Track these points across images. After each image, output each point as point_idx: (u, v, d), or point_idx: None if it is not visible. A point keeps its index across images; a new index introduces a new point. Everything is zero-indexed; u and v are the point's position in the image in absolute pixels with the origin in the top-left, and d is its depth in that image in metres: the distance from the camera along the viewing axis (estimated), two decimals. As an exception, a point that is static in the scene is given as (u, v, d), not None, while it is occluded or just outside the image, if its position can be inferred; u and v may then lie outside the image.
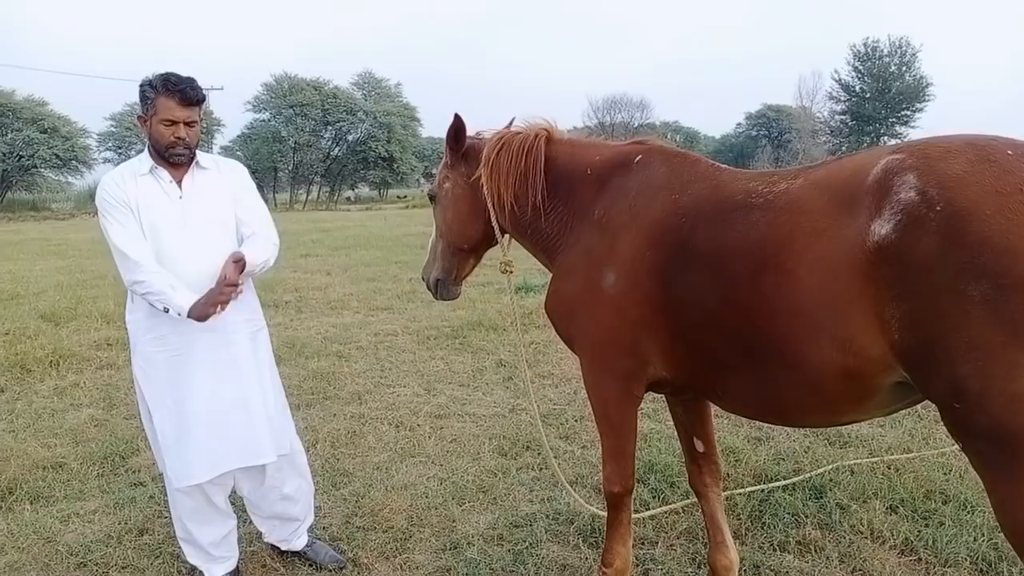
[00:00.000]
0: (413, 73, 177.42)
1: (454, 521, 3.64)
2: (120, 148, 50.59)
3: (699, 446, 2.86)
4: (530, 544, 3.40)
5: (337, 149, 59.31)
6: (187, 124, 2.90)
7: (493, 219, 2.91)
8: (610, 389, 2.64)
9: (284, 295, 10.51)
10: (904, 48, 64.15)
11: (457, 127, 2.94)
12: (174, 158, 2.93)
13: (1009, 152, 1.69)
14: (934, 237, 1.66)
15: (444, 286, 3.17)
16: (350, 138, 58.55)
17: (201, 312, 2.79)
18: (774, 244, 1.99)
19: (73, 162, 47.61)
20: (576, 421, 5.04)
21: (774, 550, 3.27)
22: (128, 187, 2.91)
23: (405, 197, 63.56)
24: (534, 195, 2.79)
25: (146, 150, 2.99)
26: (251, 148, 54.51)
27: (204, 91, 3.00)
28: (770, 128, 73.96)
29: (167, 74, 2.85)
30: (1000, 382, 1.61)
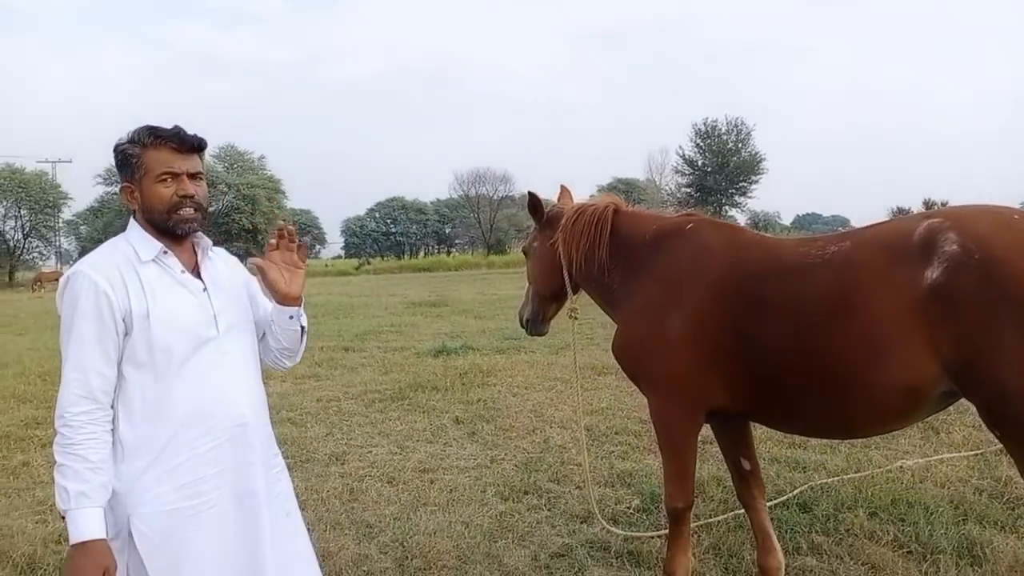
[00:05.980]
0: (276, 145, 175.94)
1: (499, 556, 3.89)
2: None
3: (746, 465, 3.32)
4: (578, 570, 3.71)
5: (197, 223, 57.60)
6: (192, 177, 2.12)
7: (566, 275, 3.37)
8: (676, 418, 3.08)
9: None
10: (739, 127, 70.80)
11: (532, 203, 3.58)
12: (181, 227, 2.10)
13: (1015, 216, 2.36)
14: (974, 278, 2.28)
15: (534, 324, 3.73)
16: (211, 210, 56.87)
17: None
18: (844, 292, 2.54)
19: None
20: (561, 465, 5.40)
21: (790, 554, 3.76)
22: (127, 284, 2.03)
23: (267, 269, 61.97)
24: (600, 256, 3.26)
25: (131, 233, 2.14)
26: (102, 222, 52.17)
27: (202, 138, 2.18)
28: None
29: (149, 125, 2.10)
30: None
